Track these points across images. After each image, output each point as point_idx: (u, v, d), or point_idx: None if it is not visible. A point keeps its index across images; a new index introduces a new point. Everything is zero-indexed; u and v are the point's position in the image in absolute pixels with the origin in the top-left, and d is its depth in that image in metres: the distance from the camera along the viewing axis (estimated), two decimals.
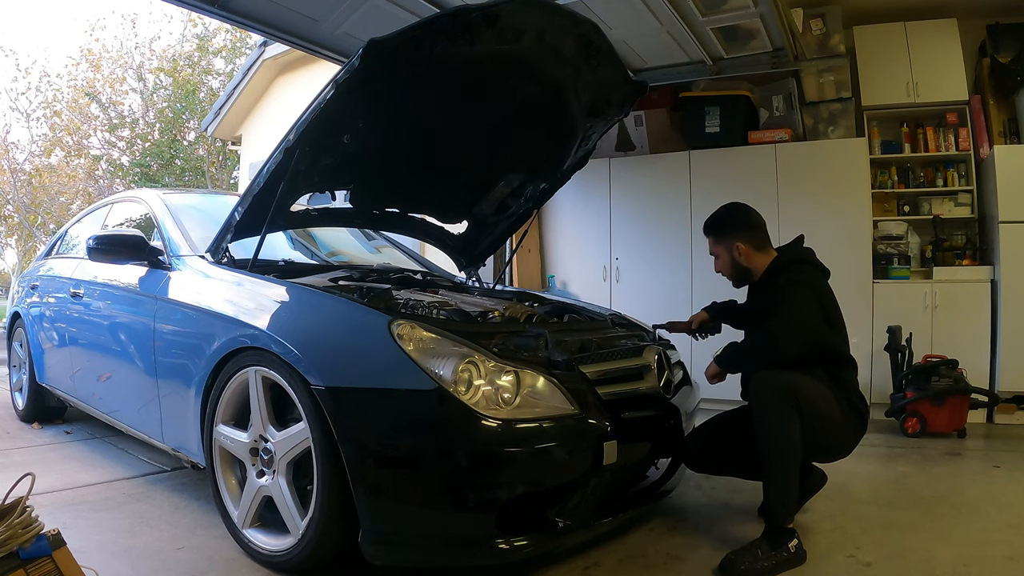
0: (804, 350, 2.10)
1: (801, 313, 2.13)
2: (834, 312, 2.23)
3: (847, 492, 2.74)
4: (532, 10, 2.16)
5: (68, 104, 15.64)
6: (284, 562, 1.87)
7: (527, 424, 1.71)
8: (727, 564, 1.92)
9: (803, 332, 2.10)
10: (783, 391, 1.98)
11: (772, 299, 2.20)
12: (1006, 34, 4.40)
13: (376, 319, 1.82)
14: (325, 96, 2.06)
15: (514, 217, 3.15)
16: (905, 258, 4.49)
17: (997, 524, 2.34)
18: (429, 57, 2.12)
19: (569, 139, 2.75)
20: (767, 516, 2.02)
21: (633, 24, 3.91)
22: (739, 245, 2.33)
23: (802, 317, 2.12)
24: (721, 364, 2.24)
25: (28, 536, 1.39)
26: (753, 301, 2.43)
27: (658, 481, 2.26)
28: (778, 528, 1.97)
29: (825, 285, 2.27)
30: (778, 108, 4.84)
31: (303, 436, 1.83)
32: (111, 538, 2.12)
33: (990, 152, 4.30)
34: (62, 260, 3.72)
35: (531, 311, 2.38)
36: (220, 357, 2.08)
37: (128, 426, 2.80)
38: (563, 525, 1.78)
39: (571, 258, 5.39)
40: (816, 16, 4.50)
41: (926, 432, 3.76)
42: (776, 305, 2.15)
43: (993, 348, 4.17)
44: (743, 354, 2.23)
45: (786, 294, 2.16)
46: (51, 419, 3.80)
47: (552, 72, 2.42)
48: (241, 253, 2.46)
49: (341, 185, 2.73)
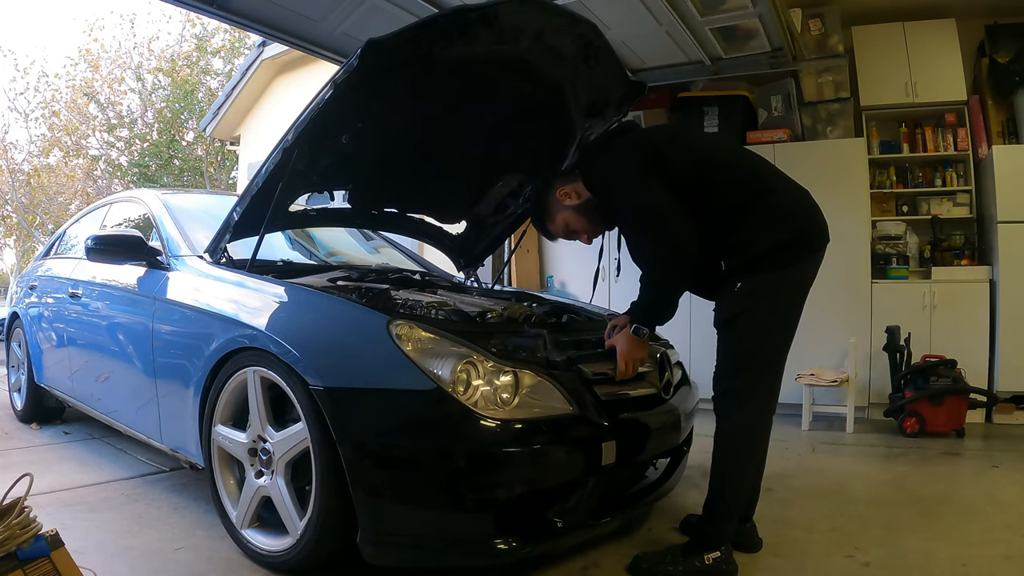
0: (682, 221, 1.80)
1: (639, 196, 1.82)
2: (680, 151, 1.91)
3: (845, 492, 2.74)
4: (530, 10, 2.15)
5: (67, 104, 15.63)
6: (283, 562, 1.87)
7: (526, 424, 1.71)
8: (631, 563, 1.90)
9: (661, 213, 1.80)
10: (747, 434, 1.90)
11: (620, 212, 1.93)
12: (1005, 34, 4.41)
13: (375, 319, 1.82)
14: (324, 96, 2.06)
15: (513, 217, 3.14)
16: (904, 258, 4.50)
17: (996, 524, 2.34)
18: (427, 57, 2.12)
19: (568, 139, 2.75)
20: (694, 531, 1.98)
21: (632, 24, 3.91)
22: (564, 188, 2.05)
23: (651, 204, 1.80)
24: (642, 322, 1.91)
25: (26, 537, 1.39)
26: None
27: (657, 481, 2.26)
28: (701, 542, 1.89)
29: (643, 139, 1.98)
30: (777, 108, 4.85)
31: (302, 436, 1.82)
32: (109, 539, 2.12)
33: (988, 152, 4.31)
34: (60, 260, 3.72)
35: (530, 311, 2.38)
36: (219, 357, 2.07)
37: (126, 426, 2.79)
38: (562, 525, 1.78)
39: (570, 258, 5.39)
40: (815, 16, 4.51)
41: (925, 432, 3.76)
42: (627, 216, 1.89)
43: (992, 348, 4.18)
44: (648, 294, 1.90)
45: (620, 197, 1.88)
46: (49, 419, 3.79)
47: (551, 72, 2.41)
48: (240, 253, 2.46)
49: (340, 185, 2.73)
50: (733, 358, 1.92)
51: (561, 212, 2.08)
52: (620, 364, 1.94)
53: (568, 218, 2.08)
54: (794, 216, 1.92)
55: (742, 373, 1.91)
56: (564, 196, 2.07)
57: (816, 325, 3.70)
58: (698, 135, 2.01)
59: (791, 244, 1.88)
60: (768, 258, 1.86)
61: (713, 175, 1.93)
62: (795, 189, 1.97)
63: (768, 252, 1.86)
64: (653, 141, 2.00)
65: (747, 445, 1.92)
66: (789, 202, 1.93)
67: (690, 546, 1.90)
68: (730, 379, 1.93)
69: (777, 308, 1.91)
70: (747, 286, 1.88)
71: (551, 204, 2.10)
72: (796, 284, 1.93)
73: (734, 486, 1.91)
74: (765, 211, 1.89)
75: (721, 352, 1.95)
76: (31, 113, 16.44)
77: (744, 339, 1.90)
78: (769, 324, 1.90)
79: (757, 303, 1.87)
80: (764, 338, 1.91)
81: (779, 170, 2.02)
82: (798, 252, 1.90)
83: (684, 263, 1.85)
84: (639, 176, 1.88)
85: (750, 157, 2.07)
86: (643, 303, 1.94)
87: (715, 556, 1.84)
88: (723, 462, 1.92)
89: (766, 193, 1.91)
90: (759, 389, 1.92)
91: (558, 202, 2.08)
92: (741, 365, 1.91)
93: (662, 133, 2.16)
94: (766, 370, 1.94)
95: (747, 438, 1.92)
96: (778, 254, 1.86)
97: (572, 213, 2.07)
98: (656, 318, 1.94)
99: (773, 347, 1.93)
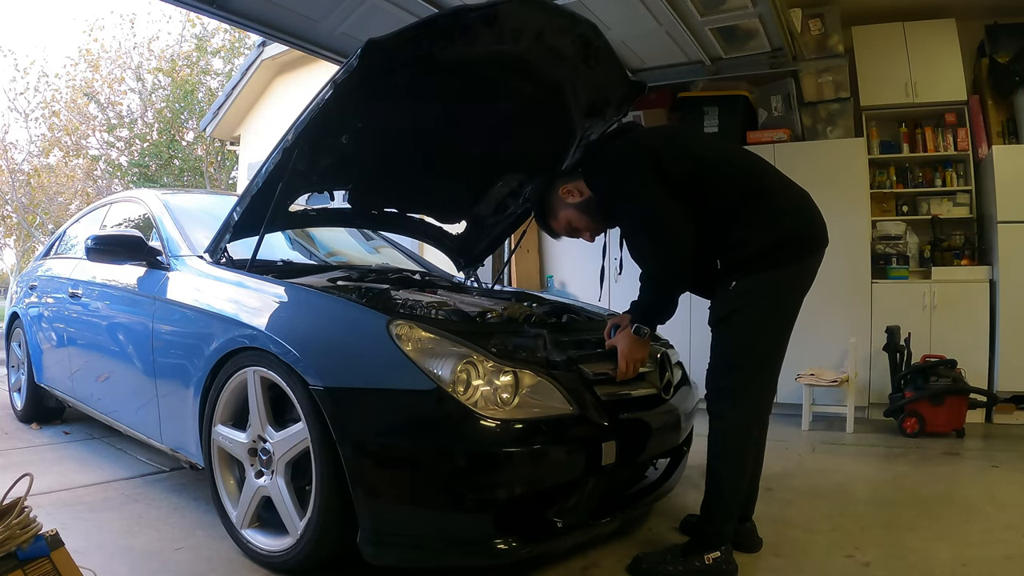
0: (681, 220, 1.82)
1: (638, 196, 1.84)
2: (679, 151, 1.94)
3: (846, 492, 2.74)
4: (530, 10, 2.15)
5: (67, 104, 15.64)
6: (282, 562, 1.87)
7: (525, 424, 1.71)
8: (631, 563, 1.91)
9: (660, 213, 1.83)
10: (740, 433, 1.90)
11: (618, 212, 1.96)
12: (1004, 34, 4.41)
13: (374, 319, 1.82)
14: (324, 96, 2.06)
15: (513, 217, 3.15)
16: (904, 258, 4.50)
17: (996, 524, 2.34)
18: (427, 57, 2.12)
19: (568, 139, 2.75)
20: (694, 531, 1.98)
21: (632, 24, 3.91)
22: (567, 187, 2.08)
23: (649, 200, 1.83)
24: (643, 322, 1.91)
25: (26, 537, 1.39)
26: None
27: (657, 481, 2.26)
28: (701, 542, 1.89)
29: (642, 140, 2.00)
30: (777, 108, 4.85)
31: (302, 436, 1.82)
32: (109, 539, 2.12)
33: (988, 152, 4.31)
34: (61, 260, 3.72)
35: (530, 311, 2.38)
36: (219, 357, 2.07)
37: (126, 426, 2.79)
38: (562, 525, 1.78)
39: (569, 258, 5.39)
40: (815, 16, 4.51)
41: (925, 432, 3.76)
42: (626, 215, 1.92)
43: (992, 348, 4.18)
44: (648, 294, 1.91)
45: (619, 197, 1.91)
46: (49, 419, 3.79)
47: (551, 72, 2.41)
48: (240, 253, 2.46)
49: (340, 185, 2.73)
50: (727, 356, 1.92)
51: (564, 210, 2.11)
52: (621, 364, 1.95)
53: (570, 216, 2.10)
54: (791, 216, 1.92)
55: (735, 372, 1.91)
56: (567, 194, 2.09)
57: (816, 325, 3.72)
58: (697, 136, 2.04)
59: (787, 244, 1.88)
60: (763, 257, 1.86)
61: (711, 175, 1.94)
62: (794, 190, 1.97)
63: (763, 251, 1.86)
64: (652, 141, 2.00)
65: (741, 445, 1.91)
66: (786, 203, 1.93)
67: (690, 546, 1.90)
68: (723, 377, 1.92)
69: (771, 307, 1.90)
70: (742, 285, 1.88)
71: (554, 202, 2.12)
72: (792, 284, 1.92)
73: (731, 485, 1.90)
74: (762, 211, 1.89)
75: (715, 350, 1.95)
76: (31, 113, 16.49)
77: (738, 337, 1.90)
78: (763, 323, 1.90)
79: (751, 302, 1.87)
80: (758, 337, 1.90)
81: (778, 171, 2.02)
82: (794, 252, 1.89)
83: (683, 263, 1.85)
84: (638, 176, 1.89)
85: (748, 158, 2.08)
86: (643, 303, 1.94)
87: (715, 556, 1.84)
88: (718, 462, 1.92)
89: (763, 193, 1.91)
90: (752, 388, 1.92)
91: (561, 200, 2.10)
92: (735, 363, 1.91)
93: (661, 133, 2.19)
94: (760, 369, 1.93)
95: (740, 437, 1.91)
96: (773, 254, 1.86)
97: (574, 211, 2.09)
98: (656, 317, 1.94)
99: (767, 346, 1.93)
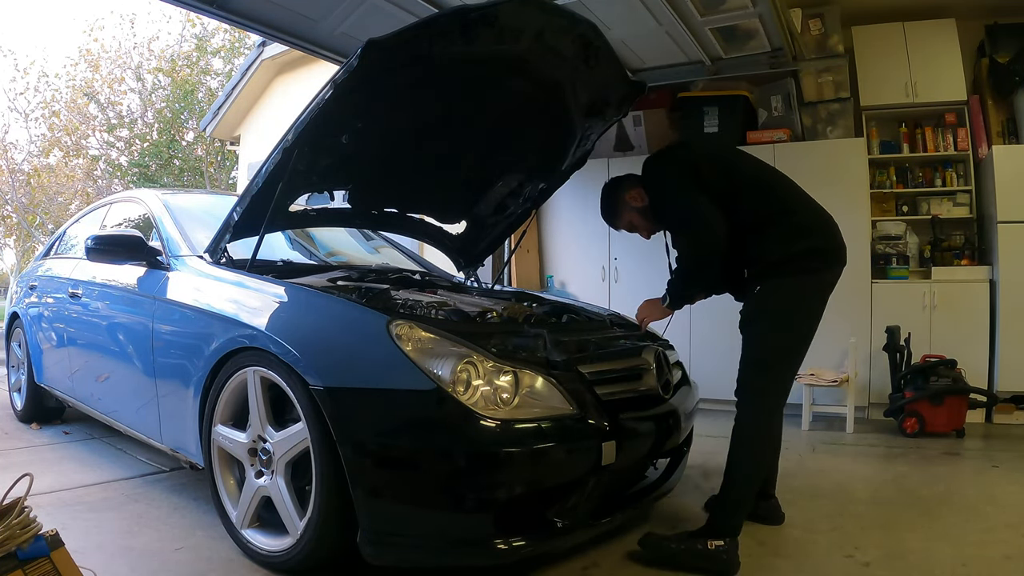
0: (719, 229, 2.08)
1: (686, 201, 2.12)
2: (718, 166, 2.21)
3: (846, 492, 2.74)
4: (530, 10, 2.16)
5: (67, 104, 15.61)
6: (283, 562, 1.87)
7: (525, 424, 1.71)
8: (643, 538, 2.01)
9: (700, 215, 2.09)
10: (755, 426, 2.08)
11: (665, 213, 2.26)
12: (1004, 34, 4.41)
13: (374, 319, 1.82)
14: (324, 96, 2.06)
15: (513, 217, 3.15)
16: (904, 258, 4.50)
17: (995, 524, 2.35)
18: (428, 57, 2.12)
19: (567, 139, 2.75)
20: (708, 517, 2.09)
21: (632, 24, 3.91)
22: (631, 192, 2.35)
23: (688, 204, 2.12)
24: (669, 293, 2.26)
25: (26, 536, 1.39)
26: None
27: (656, 481, 2.27)
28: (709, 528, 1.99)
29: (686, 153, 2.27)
30: (777, 108, 4.84)
31: (302, 436, 1.82)
32: (109, 539, 2.12)
33: (988, 152, 4.31)
34: (60, 260, 3.72)
35: (530, 311, 2.38)
36: (219, 357, 2.08)
37: (127, 426, 2.80)
38: (562, 525, 1.78)
39: (570, 258, 5.39)
40: (815, 16, 4.51)
41: (925, 432, 3.76)
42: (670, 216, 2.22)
43: (992, 348, 4.18)
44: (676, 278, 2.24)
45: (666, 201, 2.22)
46: (49, 419, 3.79)
47: (551, 72, 2.42)
48: (240, 253, 2.46)
49: (340, 185, 2.73)
50: (750, 355, 2.13)
51: (628, 212, 2.41)
52: (638, 316, 2.42)
53: (633, 217, 2.42)
54: (812, 232, 2.13)
55: (755, 370, 2.11)
56: (631, 199, 2.37)
57: None
58: (739, 155, 2.39)
59: (808, 255, 2.09)
60: (786, 264, 2.08)
61: (745, 191, 2.18)
62: (816, 210, 2.19)
63: (784, 260, 2.09)
64: (695, 156, 2.25)
65: (756, 436, 2.09)
66: (809, 220, 2.16)
67: (699, 531, 2.00)
68: (745, 375, 2.13)
69: (791, 311, 2.10)
70: (764, 289, 2.12)
71: (620, 205, 2.42)
72: (812, 291, 2.12)
73: (746, 473, 2.06)
74: (787, 225, 2.13)
75: (742, 350, 2.16)
76: (31, 113, 16.40)
77: (759, 338, 2.12)
78: (783, 325, 2.10)
79: (773, 305, 2.11)
80: (777, 338, 2.11)
81: (806, 194, 2.23)
82: (813, 264, 2.10)
83: (710, 260, 2.13)
84: (678, 183, 2.17)
85: (780, 179, 2.28)
86: (672, 282, 2.27)
87: (719, 544, 1.93)
88: (735, 451, 2.09)
89: (788, 212, 2.15)
90: (768, 386, 2.11)
91: (627, 204, 2.39)
92: (756, 362, 2.12)
93: (707, 150, 2.45)
94: (777, 369, 2.12)
95: (755, 430, 2.09)
96: (796, 261, 2.08)
97: (636, 214, 2.40)
98: (678, 295, 2.26)
99: (785, 347, 2.12)
